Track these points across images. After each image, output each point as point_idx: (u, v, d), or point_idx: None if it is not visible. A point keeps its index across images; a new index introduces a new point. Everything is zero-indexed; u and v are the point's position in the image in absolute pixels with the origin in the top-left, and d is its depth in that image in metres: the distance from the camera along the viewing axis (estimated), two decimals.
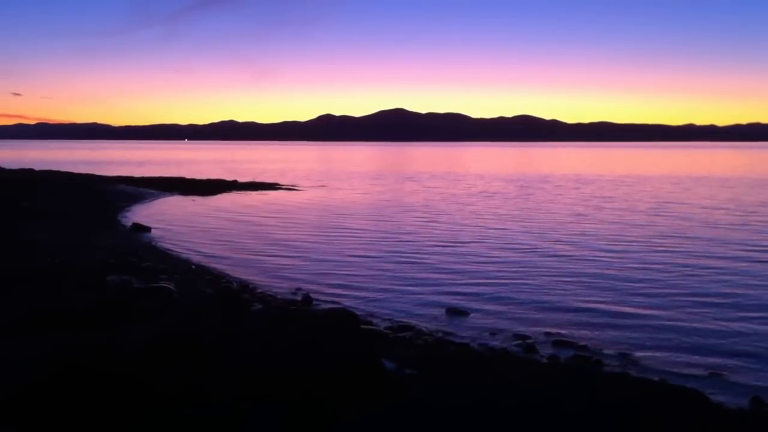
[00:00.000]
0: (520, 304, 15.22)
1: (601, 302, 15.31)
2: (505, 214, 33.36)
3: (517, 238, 25.26)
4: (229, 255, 21.76)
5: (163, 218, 31.93)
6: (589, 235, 25.90)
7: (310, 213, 34.40)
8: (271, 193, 47.24)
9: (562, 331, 13.05)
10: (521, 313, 14.47)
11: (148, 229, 27.40)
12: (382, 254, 21.75)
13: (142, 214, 33.62)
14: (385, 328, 13.22)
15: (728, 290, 16.40)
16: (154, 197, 42.74)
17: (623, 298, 15.63)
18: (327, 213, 34.30)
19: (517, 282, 17.47)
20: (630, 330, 13.17)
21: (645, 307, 14.81)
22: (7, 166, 65.15)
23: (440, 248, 23.02)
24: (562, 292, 16.34)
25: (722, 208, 35.64)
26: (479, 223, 29.89)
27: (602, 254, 21.59)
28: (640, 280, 17.56)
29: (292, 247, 23.30)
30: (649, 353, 11.82)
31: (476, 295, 16.00)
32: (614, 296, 15.86)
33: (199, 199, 42.36)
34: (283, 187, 52.67)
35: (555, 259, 20.80)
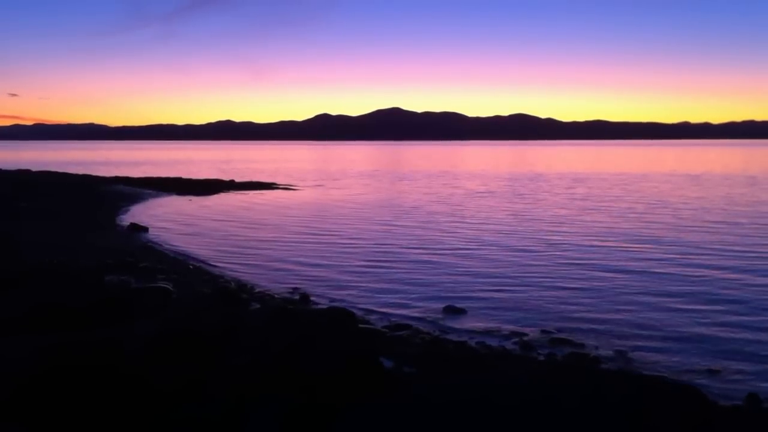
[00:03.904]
0: (517, 302, 15.27)
1: (598, 301, 15.36)
2: (502, 214, 33.43)
3: (514, 237, 25.32)
4: (227, 254, 21.78)
5: (161, 218, 31.93)
6: (587, 234, 25.97)
7: (307, 213, 34.43)
8: (269, 193, 47.24)
9: (560, 330, 13.10)
10: (518, 311, 14.52)
11: (145, 230, 27.39)
12: (379, 254, 21.79)
13: (139, 214, 33.61)
14: (383, 326, 13.26)
15: (725, 289, 16.47)
16: (152, 197, 42.72)
17: (620, 297, 15.69)
18: (324, 213, 34.33)
19: (514, 281, 17.53)
20: (627, 328, 13.23)
21: (642, 306, 14.87)
22: (5, 167, 65.06)
23: (437, 247, 23.07)
24: (559, 290, 16.39)
25: (718, 207, 35.75)
26: (476, 223, 29.94)
27: (599, 253, 21.65)
28: (638, 279, 17.63)
29: (289, 247, 23.32)
30: (646, 351, 11.88)
31: (474, 294, 16.05)
32: (611, 295, 15.92)
33: (196, 199, 42.35)
34: (280, 186, 52.68)
35: (552, 258, 20.86)
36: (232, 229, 27.96)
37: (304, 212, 34.57)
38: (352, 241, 24.47)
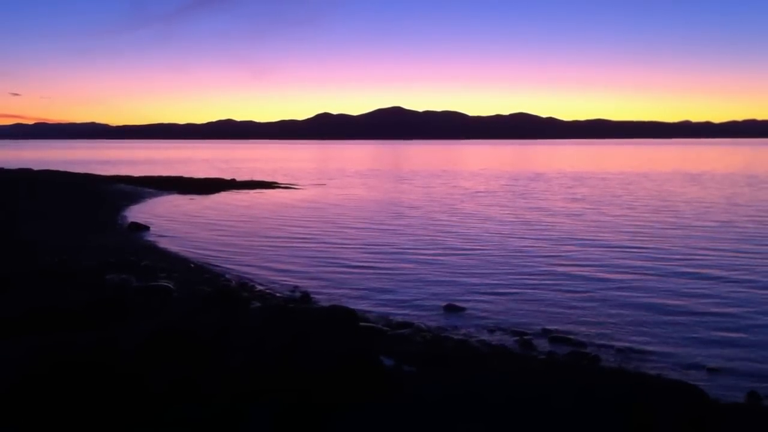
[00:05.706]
0: (517, 301, 15.27)
1: (598, 300, 15.36)
2: (502, 213, 33.43)
3: (515, 237, 25.31)
4: (228, 253, 21.79)
5: (162, 217, 31.94)
6: (587, 234, 25.96)
7: (308, 212, 34.42)
8: (270, 192, 47.25)
9: (559, 328, 13.10)
10: (519, 310, 14.53)
11: (146, 228, 27.41)
12: (380, 253, 21.79)
13: (140, 213, 33.62)
14: (384, 325, 13.25)
15: (726, 289, 16.46)
16: (153, 196, 42.74)
17: (621, 296, 15.69)
18: (325, 212, 34.32)
19: (515, 280, 17.53)
20: (628, 327, 13.24)
21: (643, 305, 14.87)
22: (6, 166, 65.05)
23: (438, 247, 23.07)
24: (559, 290, 16.39)
25: (720, 207, 35.73)
26: (477, 222, 29.94)
27: (600, 253, 21.65)
28: (638, 279, 17.62)
29: (290, 246, 23.33)
30: (646, 350, 11.88)
31: (474, 293, 16.05)
32: (612, 294, 15.92)
33: (197, 198, 42.37)
34: (282, 185, 52.68)
35: (552, 257, 20.85)
36: (233, 228, 27.97)
37: (305, 211, 34.57)
38: (353, 240, 24.46)
